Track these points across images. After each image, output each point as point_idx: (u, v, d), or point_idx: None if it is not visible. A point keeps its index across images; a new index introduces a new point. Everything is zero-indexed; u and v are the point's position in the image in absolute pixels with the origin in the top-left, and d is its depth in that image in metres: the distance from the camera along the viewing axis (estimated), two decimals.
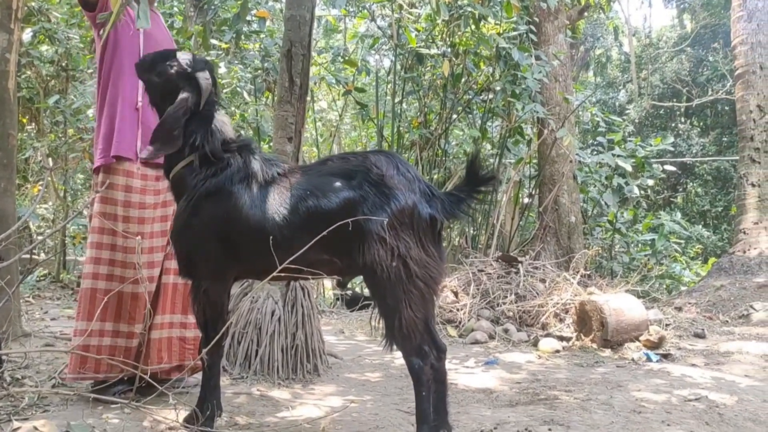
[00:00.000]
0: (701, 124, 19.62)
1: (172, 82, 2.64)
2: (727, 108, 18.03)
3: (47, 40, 7.95)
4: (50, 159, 8.64)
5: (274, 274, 2.42)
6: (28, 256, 5.91)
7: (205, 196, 2.57)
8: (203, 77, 2.64)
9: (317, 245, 2.34)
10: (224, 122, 2.72)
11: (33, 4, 7.65)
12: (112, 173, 3.14)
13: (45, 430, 2.52)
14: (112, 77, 3.19)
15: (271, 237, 2.43)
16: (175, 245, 2.69)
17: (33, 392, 2.97)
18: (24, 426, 2.50)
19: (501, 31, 7.65)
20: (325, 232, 2.31)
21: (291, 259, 2.36)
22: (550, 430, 2.87)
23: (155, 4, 3.39)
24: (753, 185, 8.66)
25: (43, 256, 8.43)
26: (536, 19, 8.29)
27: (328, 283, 8.91)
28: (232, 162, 2.61)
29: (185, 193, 2.62)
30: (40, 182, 9.94)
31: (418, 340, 2.41)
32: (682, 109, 19.91)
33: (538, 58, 7.64)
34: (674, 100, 19.94)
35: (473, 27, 7.37)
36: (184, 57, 2.69)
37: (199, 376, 3.42)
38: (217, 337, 2.60)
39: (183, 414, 2.68)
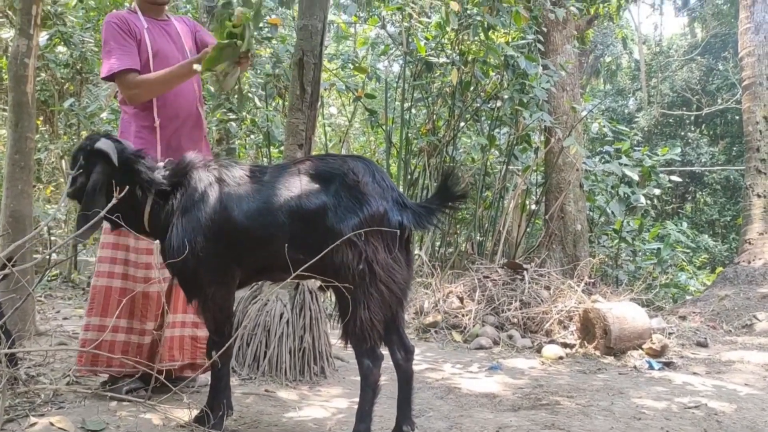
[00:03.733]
0: (711, 133, 19.63)
1: (89, 168, 2.69)
2: (737, 117, 18.01)
3: (63, 43, 8.09)
4: (63, 161, 8.77)
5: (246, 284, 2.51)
6: (41, 256, 6.03)
7: (184, 214, 2.64)
8: (102, 144, 2.68)
9: (293, 245, 2.45)
10: (148, 162, 2.77)
11: (49, 8, 7.78)
12: None
13: (61, 425, 2.61)
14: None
15: (252, 236, 2.56)
16: (173, 273, 2.74)
17: (49, 389, 3.06)
18: (40, 422, 2.59)
19: (509, 40, 7.73)
20: (348, 236, 2.40)
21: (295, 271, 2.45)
22: None
23: (164, 14, 3.45)
24: (759, 196, 8.69)
25: (55, 257, 8.54)
26: (545, 29, 8.36)
27: None
28: (192, 178, 2.69)
29: (165, 226, 2.69)
30: (52, 183, 10.09)
31: (371, 342, 2.50)
32: (692, 118, 19.92)
33: (546, 67, 7.71)
34: (684, 108, 19.96)
35: (482, 36, 7.45)
36: (83, 142, 2.84)
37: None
38: (229, 342, 2.68)
39: (195, 414, 2.76)
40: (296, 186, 2.57)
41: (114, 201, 2.52)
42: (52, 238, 8.66)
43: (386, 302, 2.49)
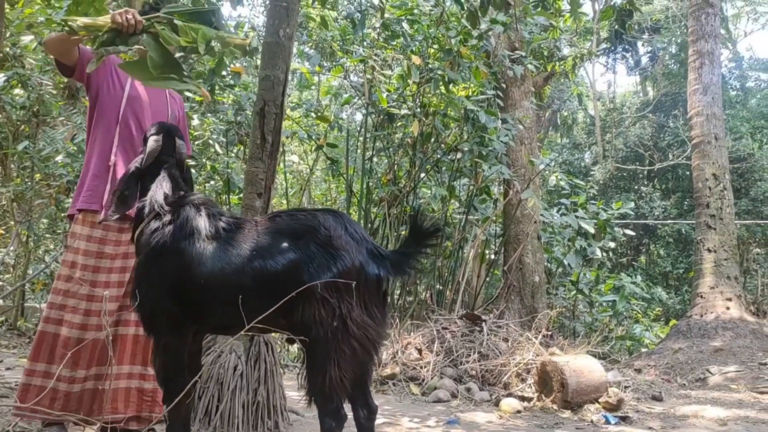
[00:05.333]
0: (663, 187, 20.22)
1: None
2: (687, 173, 18.63)
3: (20, 85, 7.97)
4: (15, 204, 8.55)
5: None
6: None
7: (153, 252, 2.61)
8: (152, 139, 2.76)
9: (263, 303, 2.37)
10: (165, 177, 2.77)
11: (8, 49, 7.70)
12: (76, 222, 3.25)
13: None
14: (94, 137, 3.31)
15: (218, 294, 2.48)
16: (134, 301, 2.70)
17: None
18: None
19: (469, 94, 7.91)
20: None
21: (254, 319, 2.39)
22: None
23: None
24: (709, 251, 8.93)
25: (1, 302, 8.25)
26: (503, 85, 8.59)
27: None
28: (177, 217, 2.65)
29: (139, 252, 2.70)
30: (2, 226, 9.80)
31: (337, 402, 2.41)
32: (645, 173, 20.54)
33: (504, 121, 7.89)
34: (637, 163, 20.58)
35: (443, 89, 7.61)
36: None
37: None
38: (179, 397, 2.59)
39: None
40: (264, 245, 2.50)
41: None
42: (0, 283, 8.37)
43: (358, 360, 2.43)
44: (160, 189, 2.73)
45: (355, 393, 2.59)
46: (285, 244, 2.48)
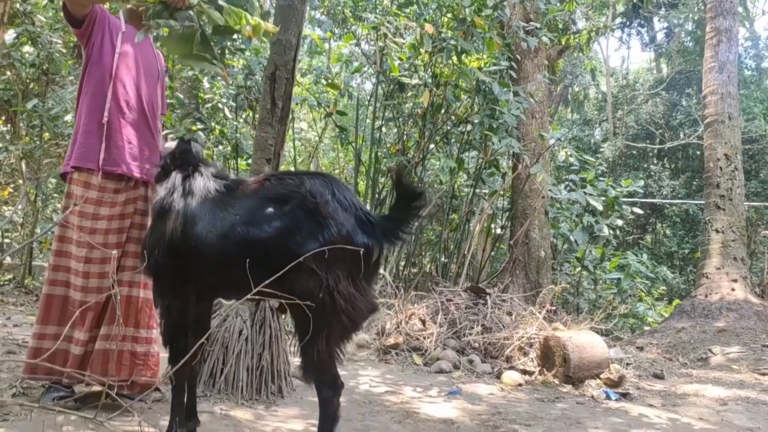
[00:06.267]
0: (672, 166, 20.09)
1: None
2: (698, 152, 18.50)
3: (30, 42, 7.91)
4: (23, 162, 8.55)
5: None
6: None
7: (157, 215, 2.69)
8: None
9: (253, 269, 2.31)
10: (169, 139, 2.82)
11: (18, 6, 7.62)
12: (71, 183, 3.23)
13: None
14: (84, 91, 3.29)
15: (208, 258, 2.49)
16: (143, 261, 2.76)
17: None
18: None
19: (482, 66, 7.81)
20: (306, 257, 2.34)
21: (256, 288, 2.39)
22: None
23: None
24: (717, 231, 8.89)
25: (8, 260, 8.30)
26: (517, 57, 8.48)
27: None
28: (179, 181, 2.69)
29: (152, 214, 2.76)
30: (11, 184, 9.83)
31: (332, 373, 2.41)
32: (655, 151, 20.39)
33: (516, 94, 7.80)
34: (647, 141, 20.42)
35: (455, 60, 7.52)
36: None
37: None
38: (185, 358, 2.61)
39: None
40: (250, 210, 2.48)
41: None
42: (7, 240, 8.41)
43: (347, 332, 2.42)
44: (165, 152, 2.81)
45: None
46: (270, 211, 2.44)
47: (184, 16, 2.64)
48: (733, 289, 8.46)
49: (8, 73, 8.33)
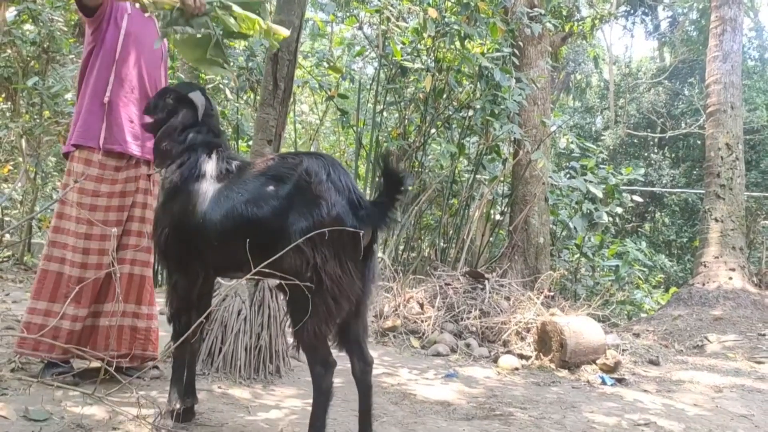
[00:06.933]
0: (673, 155, 20.07)
1: (174, 109, 2.86)
2: (698, 142, 18.50)
3: (31, 20, 7.87)
4: (23, 140, 8.54)
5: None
6: None
7: (166, 193, 2.70)
8: (195, 97, 2.83)
9: (245, 248, 2.29)
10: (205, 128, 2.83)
11: None
12: (72, 160, 3.27)
13: (2, 413, 2.52)
14: (88, 71, 3.31)
15: (210, 237, 2.51)
16: (153, 239, 2.80)
17: None
18: None
19: (485, 51, 7.78)
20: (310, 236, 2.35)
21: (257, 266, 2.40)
22: None
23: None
24: (716, 220, 8.90)
25: (8, 237, 8.31)
26: (520, 43, 8.44)
27: None
28: (188, 159, 2.70)
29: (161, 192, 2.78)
30: (11, 162, 9.82)
31: (322, 352, 2.42)
32: (656, 140, 20.37)
33: (518, 80, 7.78)
34: (649, 130, 20.39)
35: (458, 45, 7.48)
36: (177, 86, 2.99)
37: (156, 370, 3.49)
38: (186, 334, 2.63)
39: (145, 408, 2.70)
40: (249, 189, 2.50)
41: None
42: (6, 218, 8.42)
43: (333, 315, 2.38)
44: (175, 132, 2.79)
45: (351, 346, 2.60)
46: (269, 189, 2.45)
47: (200, 22, 2.72)
48: (730, 278, 8.50)
49: (9, 50, 8.30)
